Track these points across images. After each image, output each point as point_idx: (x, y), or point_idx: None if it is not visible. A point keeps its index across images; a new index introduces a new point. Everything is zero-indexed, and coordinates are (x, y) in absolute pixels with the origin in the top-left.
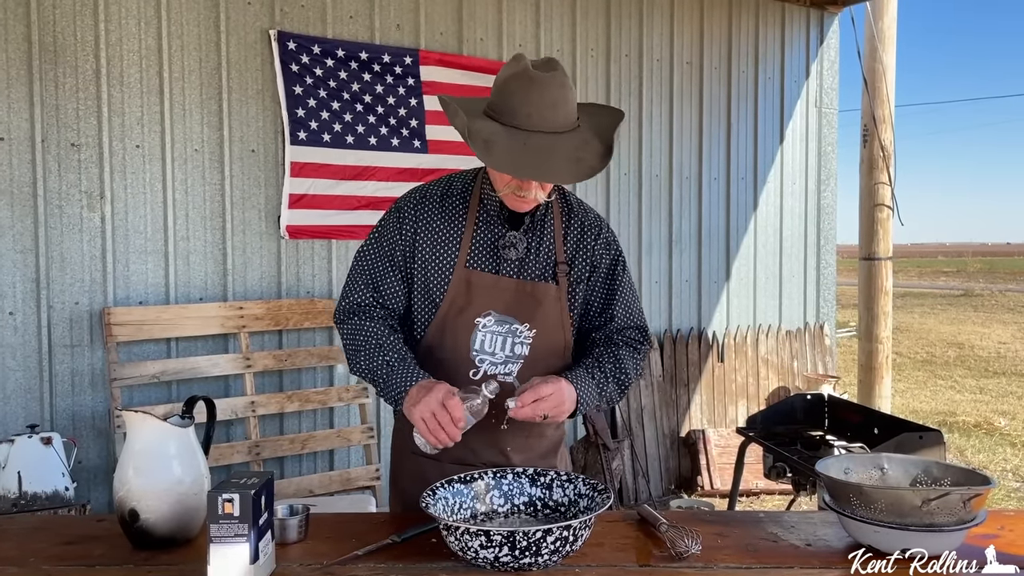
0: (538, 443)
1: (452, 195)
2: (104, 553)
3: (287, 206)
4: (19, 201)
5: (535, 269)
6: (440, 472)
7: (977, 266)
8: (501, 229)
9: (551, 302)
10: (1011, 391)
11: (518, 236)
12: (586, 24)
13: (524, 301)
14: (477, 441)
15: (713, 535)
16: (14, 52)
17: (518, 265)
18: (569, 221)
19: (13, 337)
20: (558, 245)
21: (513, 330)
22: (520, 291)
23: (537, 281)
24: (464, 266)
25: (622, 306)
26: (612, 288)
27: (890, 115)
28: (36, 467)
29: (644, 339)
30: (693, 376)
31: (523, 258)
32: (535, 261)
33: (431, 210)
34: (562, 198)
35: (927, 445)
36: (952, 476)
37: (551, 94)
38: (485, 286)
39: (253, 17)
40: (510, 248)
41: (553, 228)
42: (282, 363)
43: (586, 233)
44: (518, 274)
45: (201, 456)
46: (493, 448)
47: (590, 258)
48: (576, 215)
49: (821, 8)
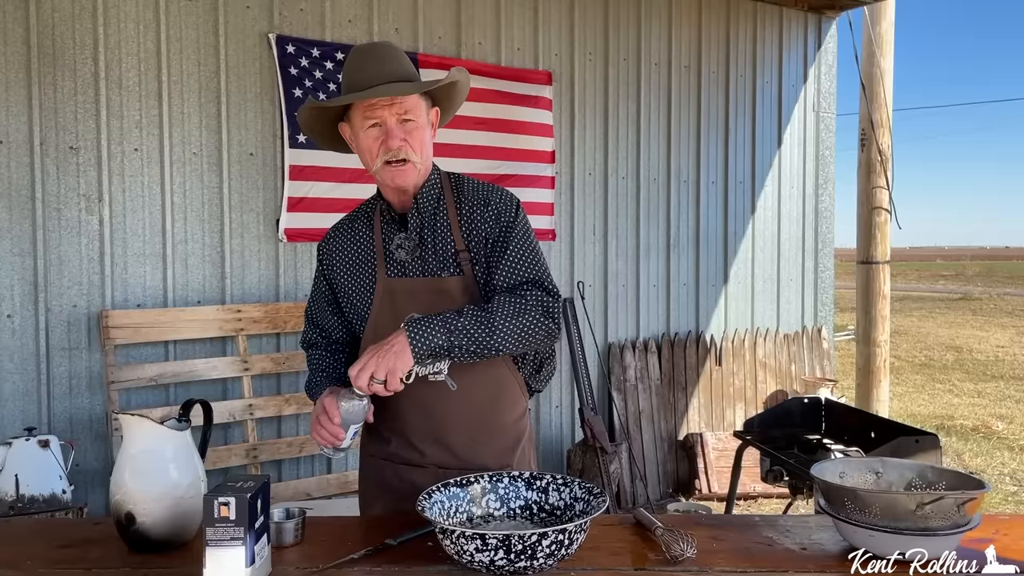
0: (490, 440)
1: (358, 220)
2: (101, 556)
3: (286, 209)
4: (17, 204)
5: (436, 263)
6: (394, 473)
7: (975, 269)
8: (397, 235)
9: (459, 294)
10: (1009, 395)
11: (404, 236)
12: (584, 28)
13: (439, 297)
14: (423, 442)
15: (709, 539)
16: (12, 55)
17: (422, 264)
18: (460, 206)
19: (11, 340)
20: (455, 233)
21: None
22: (433, 288)
23: (443, 275)
24: (385, 277)
25: (507, 265)
26: (503, 251)
27: (888, 119)
28: (33, 470)
29: (536, 288)
30: (691, 379)
31: (423, 255)
32: (434, 255)
33: (341, 241)
34: (456, 184)
35: (923, 449)
36: (947, 480)
37: (375, 53)
38: (404, 290)
39: (252, 21)
40: (398, 250)
41: (448, 218)
42: (280, 366)
43: (475, 211)
44: (425, 272)
45: (198, 459)
46: (440, 448)
47: (482, 235)
48: (466, 196)
49: (819, 13)
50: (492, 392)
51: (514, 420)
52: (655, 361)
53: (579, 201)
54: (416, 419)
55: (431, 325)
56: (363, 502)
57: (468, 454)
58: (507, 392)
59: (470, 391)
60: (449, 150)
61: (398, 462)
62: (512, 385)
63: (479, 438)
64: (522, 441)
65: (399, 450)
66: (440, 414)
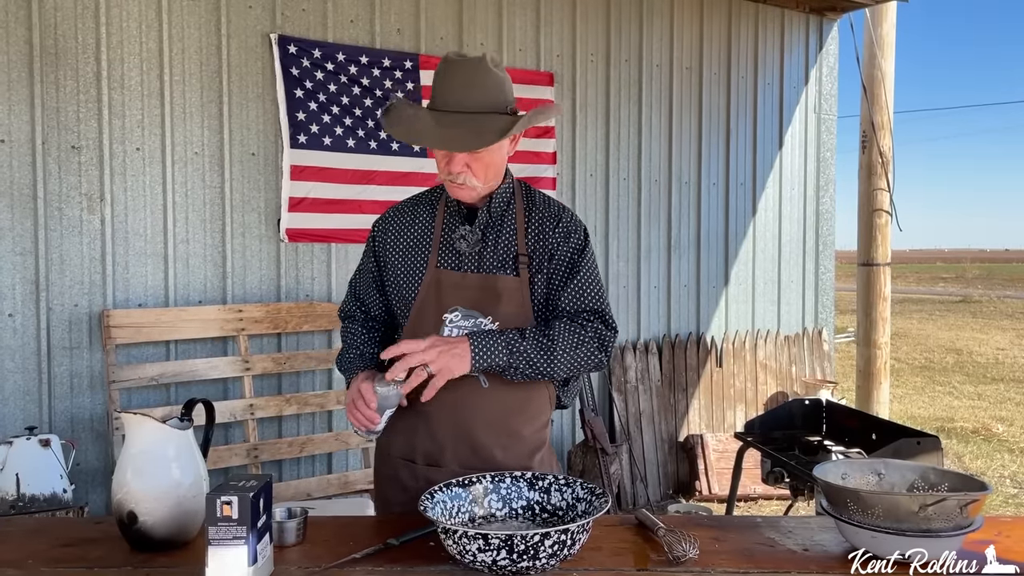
0: (511, 444)
1: (420, 204)
2: (102, 555)
3: (286, 209)
4: (19, 203)
5: (495, 262)
6: (411, 474)
7: (975, 272)
8: (461, 226)
9: (511, 293)
10: (1009, 397)
11: (468, 229)
12: (586, 29)
13: (488, 295)
14: (446, 438)
15: (710, 540)
16: (15, 55)
17: (479, 260)
18: (530, 215)
19: (12, 339)
20: (520, 238)
21: (478, 323)
22: (483, 285)
23: (498, 274)
24: (435, 267)
25: (573, 290)
26: (570, 275)
27: (889, 121)
28: (34, 469)
29: (597, 320)
30: (691, 381)
31: (482, 252)
32: (494, 254)
33: (400, 223)
34: (527, 194)
35: (924, 451)
36: (949, 482)
37: (464, 75)
38: (452, 283)
39: (254, 21)
40: (460, 240)
41: (515, 222)
42: (281, 366)
43: (545, 224)
44: (480, 268)
45: (200, 459)
46: (463, 445)
47: (548, 248)
48: (538, 208)
49: (820, 14)
50: (521, 398)
51: (536, 429)
52: (656, 362)
53: (580, 202)
54: (442, 414)
55: (495, 343)
56: (379, 504)
57: (488, 455)
58: (535, 400)
59: (500, 394)
60: None
61: (418, 462)
62: (543, 395)
63: (502, 441)
64: (542, 451)
65: (421, 444)
66: (467, 411)
